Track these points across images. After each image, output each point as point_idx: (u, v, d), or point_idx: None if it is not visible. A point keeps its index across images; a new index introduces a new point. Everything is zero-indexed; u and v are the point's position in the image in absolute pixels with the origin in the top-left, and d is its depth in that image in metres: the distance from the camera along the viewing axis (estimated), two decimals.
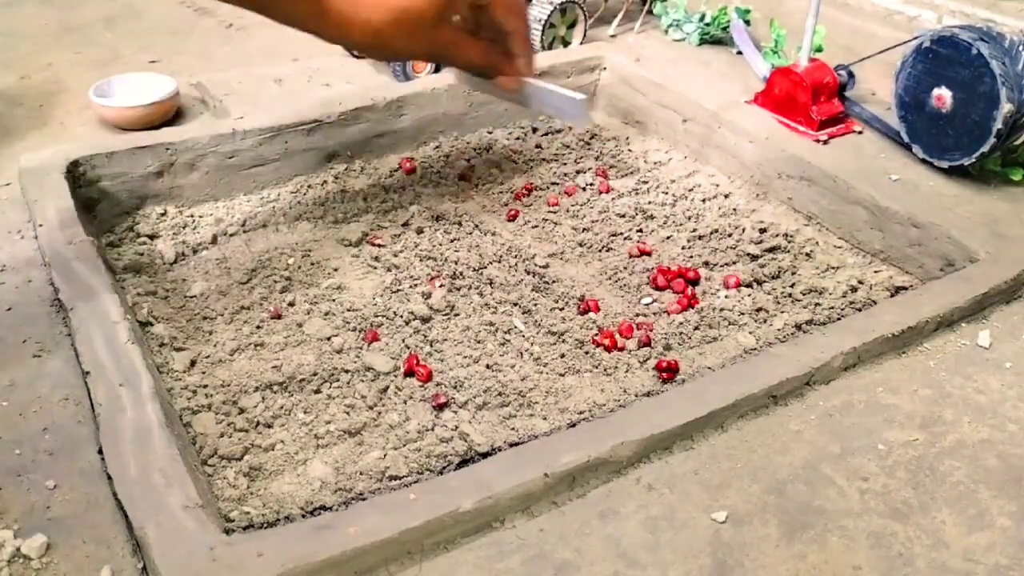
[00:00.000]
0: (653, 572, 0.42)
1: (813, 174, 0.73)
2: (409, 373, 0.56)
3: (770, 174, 0.76)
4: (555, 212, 0.74)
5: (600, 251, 0.69)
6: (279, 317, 0.61)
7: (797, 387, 0.53)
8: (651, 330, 0.60)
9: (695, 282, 0.66)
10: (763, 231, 0.71)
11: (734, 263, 0.68)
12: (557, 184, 0.78)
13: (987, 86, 0.69)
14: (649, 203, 0.75)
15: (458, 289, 0.64)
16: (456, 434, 0.51)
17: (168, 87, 0.84)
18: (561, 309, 0.62)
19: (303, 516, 0.46)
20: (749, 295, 0.64)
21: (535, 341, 0.59)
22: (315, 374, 0.55)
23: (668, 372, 0.56)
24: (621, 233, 0.71)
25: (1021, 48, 0.69)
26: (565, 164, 0.81)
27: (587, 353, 0.58)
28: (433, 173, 0.79)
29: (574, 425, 0.52)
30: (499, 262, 0.67)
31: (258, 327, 0.60)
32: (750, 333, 0.60)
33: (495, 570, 0.42)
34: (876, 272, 0.67)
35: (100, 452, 0.46)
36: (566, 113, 0.70)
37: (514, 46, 0.68)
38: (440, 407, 0.53)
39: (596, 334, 0.60)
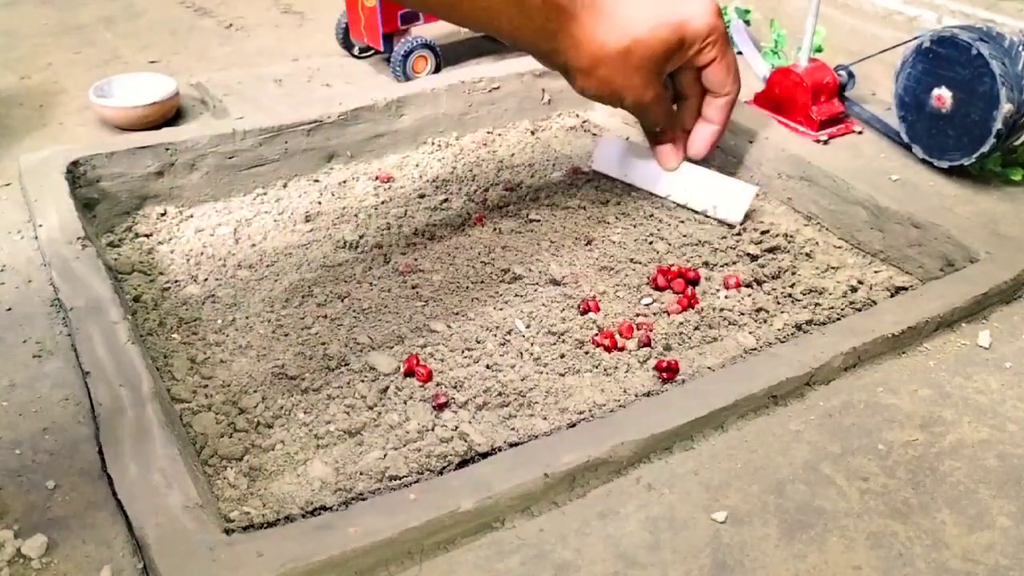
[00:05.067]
0: (653, 572, 0.42)
1: (813, 174, 0.73)
2: (409, 373, 0.56)
3: (770, 174, 0.76)
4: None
5: None
6: (280, 317, 0.61)
7: (797, 387, 0.53)
8: (651, 330, 0.60)
9: (695, 282, 0.66)
10: (763, 231, 0.71)
11: (734, 263, 0.68)
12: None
13: (987, 86, 0.69)
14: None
15: None
16: (456, 434, 0.51)
17: (168, 87, 0.84)
18: (561, 310, 0.62)
19: (303, 516, 0.46)
20: (749, 295, 0.64)
21: (535, 341, 0.59)
22: (315, 374, 0.55)
23: (668, 372, 0.56)
24: None
25: (1021, 48, 0.69)
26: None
27: (587, 353, 0.58)
28: (432, 174, 0.79)
29: (574, 425, 0.52)
30: None
31: (258, 327, 0.60)
32: (750, 333, 0.60)
33: (495, 570, 0.42)
34: (876, 272, 0.67)
35: (100, 452, 0.46)
36: (721, 207, 0.71)
37: (712, 114, 0.70)
38: (440, 407, 0.53)
39: (596, 334, 0.60)
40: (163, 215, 0.71)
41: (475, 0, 0.56)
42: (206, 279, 0.65)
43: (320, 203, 0.74)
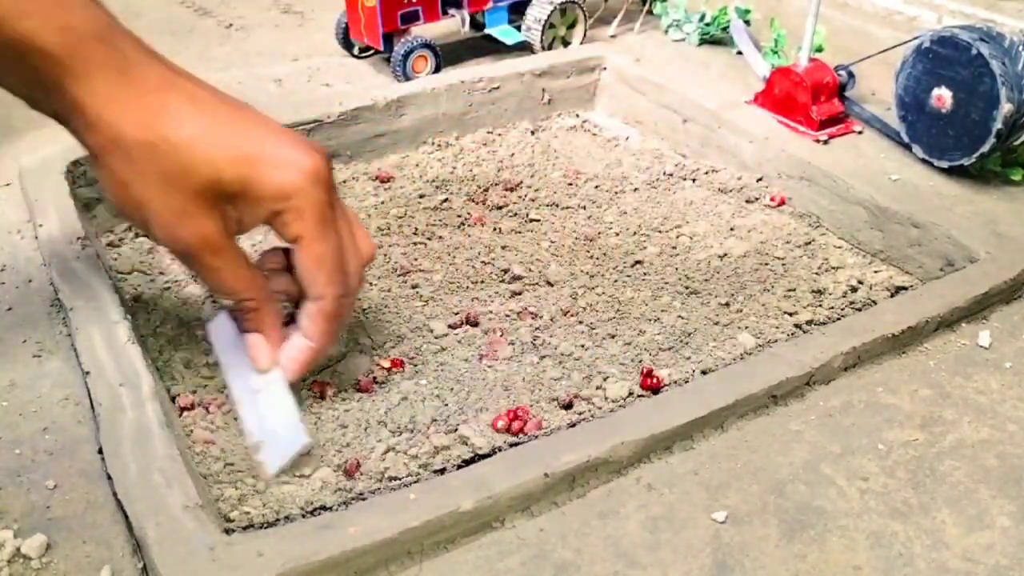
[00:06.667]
0: (653, 572, 0.42)
1: (813, 174, 0.73)
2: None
3: (770, 174, 0.76)
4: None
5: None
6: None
7: (797, 387, 0.53)
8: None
9: None
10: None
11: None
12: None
13: (987, 86, 0.69)
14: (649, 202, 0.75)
15: None
16: (456, 435, 0.51)
17: None
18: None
19: (303, 516, 0.46)
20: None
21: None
22: (314, 374, 0.55)
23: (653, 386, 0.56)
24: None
25: (1021, 48, 0.69)
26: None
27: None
28: (432, 174, 0.79)
29: (574, 425, 0.52)
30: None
31: None
32: (750, 333, 0.60)
33: (495, 570, 0.42)
34: (876, 272, 0.67)
35: (100, 452, 0.46)
36: (265, 447, 0.48)
37: (304, 322, 0.49)
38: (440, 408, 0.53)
39: None
40: None
41: None
42: None
43: None
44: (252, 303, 0.48)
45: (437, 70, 0.93)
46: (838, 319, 0.61)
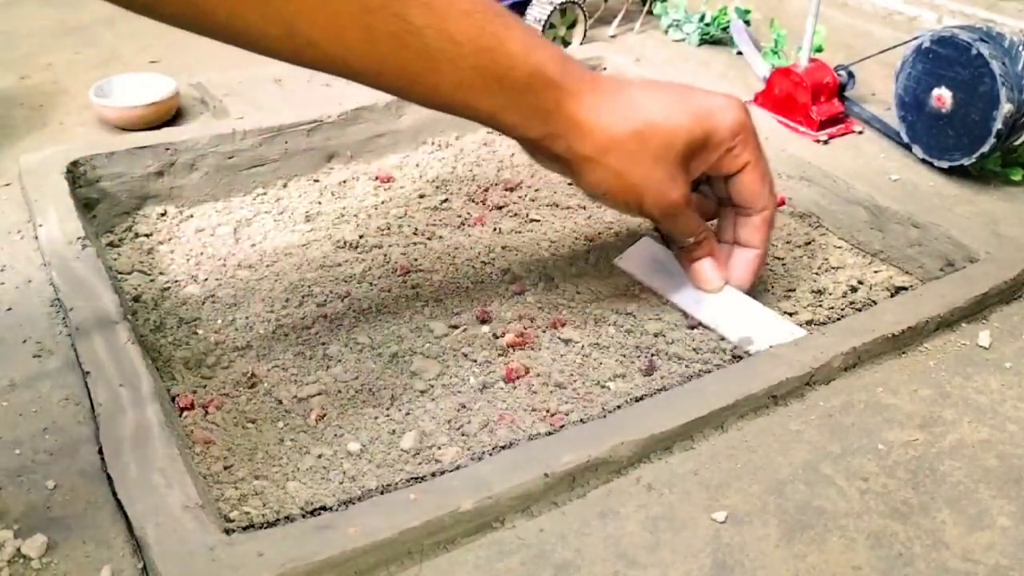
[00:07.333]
0: (653, 572, 0.42)
1: (813, 174, 0.73)
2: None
3: None
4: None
5: None
6: (280, 317, 0.61)
7: (797, 387, 0.53)
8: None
9: None
10: None
11: None
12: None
13: (987, 86, 0.69)
14: None
15: None
16: (458, 434, 0.51)
17: (168, 87, 0.84)
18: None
19: (303, 516, 0.46)
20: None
21: None
22: (315, 374, 0.55)
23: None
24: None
25: (1021, 48, 0.69)
26: None
27: None
28: (431, 174, 0.79)
29: (574, 425, 0.52)
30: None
31: (258, 327, 0.60)
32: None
33: (495, 570, 0.42)
34: (876, 272, 0.67)
35: (100, 452, 0.46)
36: (757, 343, 0.57)
37: (748, 236, 0.58)
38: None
39: None
40: (163, 215, 0.71)
41: (440, 76, 0.47)
42: (206, 279, 0.65)
43: (320, 203, 0.74)
44: (704, 235, 0.58)
45: None
46: (838, 319, 0.61)
